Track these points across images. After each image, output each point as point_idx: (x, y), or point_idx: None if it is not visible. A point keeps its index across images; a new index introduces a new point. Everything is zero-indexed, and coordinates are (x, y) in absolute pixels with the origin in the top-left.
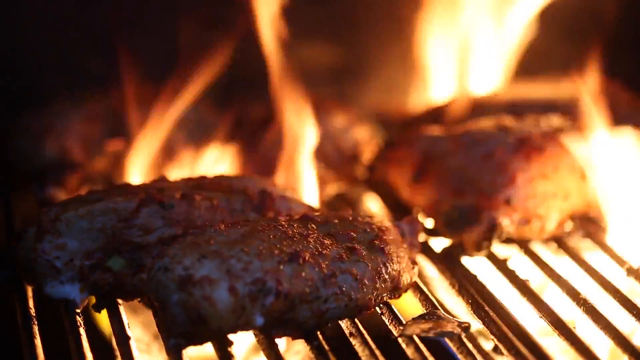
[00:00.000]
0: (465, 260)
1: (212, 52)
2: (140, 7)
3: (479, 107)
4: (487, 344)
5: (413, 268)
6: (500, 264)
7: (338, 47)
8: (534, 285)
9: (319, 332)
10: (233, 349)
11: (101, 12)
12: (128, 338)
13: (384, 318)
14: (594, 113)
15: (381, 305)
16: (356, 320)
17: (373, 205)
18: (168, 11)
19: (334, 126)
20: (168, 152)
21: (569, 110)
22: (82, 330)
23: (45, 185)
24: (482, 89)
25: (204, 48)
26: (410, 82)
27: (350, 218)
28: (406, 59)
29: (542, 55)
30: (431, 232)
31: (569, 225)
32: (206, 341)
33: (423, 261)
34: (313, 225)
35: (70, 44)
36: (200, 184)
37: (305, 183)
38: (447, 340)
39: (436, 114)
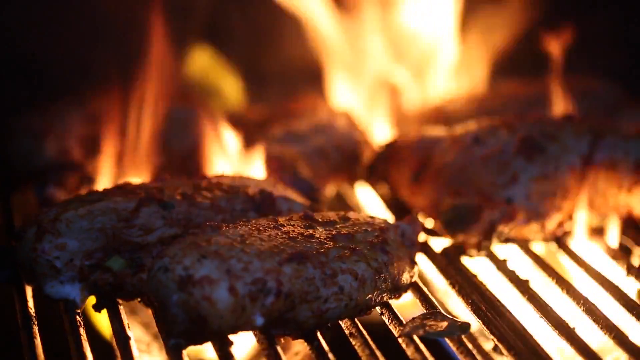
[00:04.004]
0: (465, 260)
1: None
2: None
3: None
4: (487, 344)
5: (413, 268)
6: (500, 264)
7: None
8: (534, 285)
9: (319, 332)
10: (233, 349)
11: (101, 13)
12: (128, 338)
13: (384, 318)
14: None
15: (381, 305)
16: (356, 320)
17: (373, 205)
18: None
19: (334, 126)
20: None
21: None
22: (82, 330)
23: (45, 185)
24: (473, 89)
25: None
26: (409, 82)
27: (351, 218)
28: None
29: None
30: (431, 232)
31: (569, 225)
32: (206, 341)
33: (423, 261)
34: (313, 225)
35: (70, 44)
36: (200, 184)
37: None
38: (447, 340)
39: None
